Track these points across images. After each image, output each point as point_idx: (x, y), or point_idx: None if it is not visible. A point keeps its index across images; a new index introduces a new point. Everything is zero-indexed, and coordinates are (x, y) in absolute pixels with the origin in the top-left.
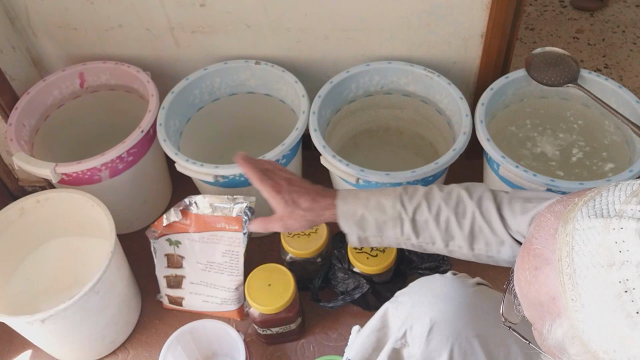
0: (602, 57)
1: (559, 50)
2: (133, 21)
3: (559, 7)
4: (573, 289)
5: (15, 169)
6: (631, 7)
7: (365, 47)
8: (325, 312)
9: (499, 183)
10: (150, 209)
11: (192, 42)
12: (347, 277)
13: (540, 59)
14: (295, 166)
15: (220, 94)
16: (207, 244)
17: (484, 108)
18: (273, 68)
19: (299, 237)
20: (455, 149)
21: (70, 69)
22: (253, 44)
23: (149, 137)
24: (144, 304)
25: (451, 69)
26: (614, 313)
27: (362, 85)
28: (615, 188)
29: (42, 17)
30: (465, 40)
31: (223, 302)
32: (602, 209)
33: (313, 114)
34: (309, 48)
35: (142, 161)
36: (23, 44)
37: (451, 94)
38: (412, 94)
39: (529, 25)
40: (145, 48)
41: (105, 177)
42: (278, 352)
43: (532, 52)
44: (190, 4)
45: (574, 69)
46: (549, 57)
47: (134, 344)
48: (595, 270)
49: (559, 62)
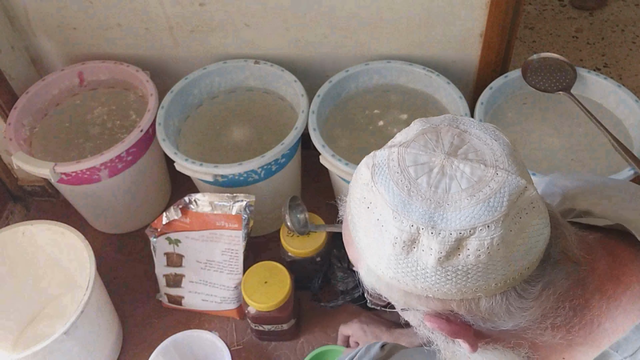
0: (602, 56)
1: (556, 56)
2: (132, 20)
3: (558, 6)
4: (354, 230)
5: (15, 168)
6: (630, 6)
7: (365, 46)
8: (325, 312)
9: None
10: (149, 208)
11: (191, 41)
12: (347, 276)
13: (537, 65)
14: (295, 166)
15: (219, 93)
16: (206, 242)
17: (483, 107)
18: (272, 67)
19: (298, 236)
20: None
21: (70, 69)
22: (252, 43)
23: (148, 136)
24: (145, 303)
25: (450, 68)
26: (369, 228)
27: (361, 84)
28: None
29: (41, 17)
30: (465, 39)
31: (222, 301)
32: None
33: (312, 113)
34: (308, 47)
35: (142, 160)
36: (22, 43)
37: (450, 93)
38: (412, 92)
39: (529, 24)
40: (145, 47)
41: (105, 176)
42: (277, 351)
43: (529, 58)
44: (190, 3)
45: (571, 76)
46: (546, 63)
47: (134, 344)
48: (358, 207)
49: (556, 69)
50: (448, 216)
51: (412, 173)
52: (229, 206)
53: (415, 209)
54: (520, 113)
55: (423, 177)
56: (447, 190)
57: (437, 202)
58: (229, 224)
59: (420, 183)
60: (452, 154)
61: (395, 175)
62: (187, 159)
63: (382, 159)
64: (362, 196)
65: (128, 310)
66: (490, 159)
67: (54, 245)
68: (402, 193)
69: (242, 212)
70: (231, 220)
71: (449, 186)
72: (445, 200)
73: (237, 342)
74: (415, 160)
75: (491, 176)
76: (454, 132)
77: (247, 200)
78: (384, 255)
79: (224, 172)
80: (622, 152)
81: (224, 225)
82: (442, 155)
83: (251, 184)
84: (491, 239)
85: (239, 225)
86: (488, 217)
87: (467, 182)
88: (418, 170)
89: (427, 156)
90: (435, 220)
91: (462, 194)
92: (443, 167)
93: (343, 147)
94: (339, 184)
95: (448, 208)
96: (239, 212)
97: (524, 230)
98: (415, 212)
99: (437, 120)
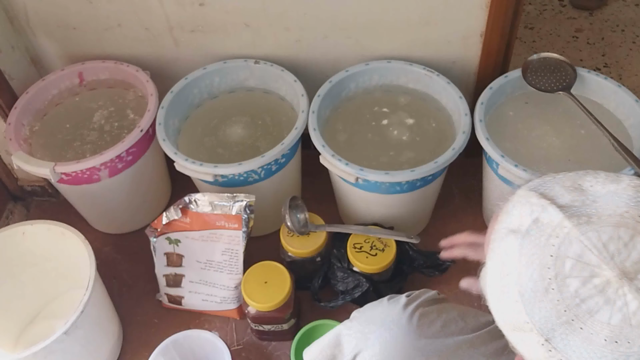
0: (602, 56)
1: (556, 56)
2: (132, 20)
3: (558, 6)
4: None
5: (15, 168)
6: (630, 6)
7: (365, 46)
8: (325, 312)
9: (498, 182)
10: (149, 208)
11: (191, 41)
12: (347, 276)
13: (537, 64)
14: (295, 165)
15: (219, 93)
16: (206, 242)
17: (483, 107)
18: (272, 67)
19: (298, 236)
20: (454, 147)
21: (70, 69)
22: (252, 43)
23: (148, 136)
24: (145, 303)
25: (450, 68)
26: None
27: (361, 84)
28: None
29: (41, 17)
30: (465, 39)
31: (222, 301)
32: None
33: (312, 113)
34: (308, 47)
35: (142, 160)
36: (22, 43)
37: (450, 93)
38: (412, 92)
39: (529, 24)
40: (145, 47)
41: (105, 176)
42: (277, 351)
43: (529, 58)
44: (190, 3)
45: (571, 76)
46: (546, 63)
47: (134, 344)
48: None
49: (556, 69)
50: (571, 342)
51: (566, 267)
52: (229, 206)
53: (540, 310)
54: (521, 112)
55: (575, 280)
56: (592, 312)
57: (569, 319)
58: (229, 224)
59: (569, 284)
60: (629, 275)
61: (546, 258)
62: (187, 159)
63: (548, 220)
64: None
65: (128, 310)
66: None
67: (54, 245)
68: (542, 283)
69: (242, 212)
70: (231, 220)
71: (596, 310)
72: (581, 322)
73: (237, 342)
74: (581, 255)
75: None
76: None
77: (247, 200)
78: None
79: (224, 172)
80: (622, 152)
81: (224, 225)
82: (617, 271)
83: (251, 184)
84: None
85: (239, 225)
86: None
87: (620, 319)
88: (576, 268)
89: (598, 259)
90: (555, 339)
91: (604, 331)
92: (607, 285)
93: (343, 147)
94: (338, 184)
95: (577, 333)
96: (239, 212)
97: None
98: (539, 314)
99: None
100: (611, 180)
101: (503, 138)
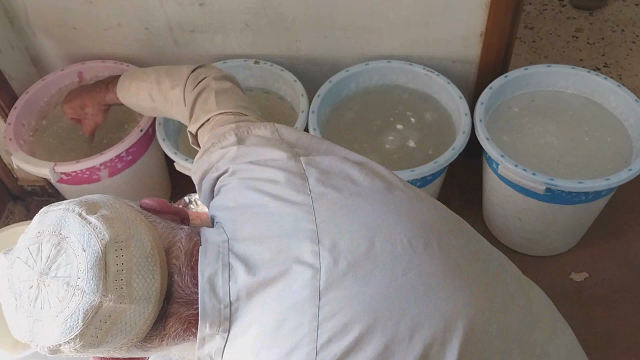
0: (602, 56)
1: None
2: (132, 20)
3: (558, 6)
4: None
5: (15, 168)
6: (630, 6)
7: (365, 46)
8: None
9: (498, 182)
10: None
11: (191, 41)
12: None
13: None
14: None
15: None
16: None
17: (483, 107)
18: (272, 67)
19: None
20: (454, 147)
21: (70, 68)
22: (252, 43)
23: (148, 136)
24: None
25: (450, 68)
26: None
27: (361, 84)
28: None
29: (41, 17)
30: (465, 39)
31: None
32: None
33: (312, 113)
34: (308, 47)
35: (141, 160)
36: (22, 43)
37: (450, 93)
38: (412, 92)
39: (528, 24)
40: (145, 47)
41: (105, 176)
42: None
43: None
44: (189, 4)
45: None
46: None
47: None
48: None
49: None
50: (43, 332)
51: (17, 288)
52: None
53: (20, 323)
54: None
55: (25, 294)
56: (42, 307)
57: (35, 318)
58: None
59: (24, 299)
60: (45, 272)
61: (6, 291)
62: (187, 158)
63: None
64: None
65: None
66: (74, 275)
67: None
68: (10, 307)
69: None
70: None
71: (43, 304)
72: (40, 317)
73: None
74: (20, 276)
75: (70, 297)
76: (53, 242)
77: None
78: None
79: None
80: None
81: None
82: (37, 273)
83: None
84: (75, 349)
85: None
86: (68, 336)
87: (55, 301)
88: (21, 287)
89: (26, 273)
90: (34, 334)
91: (52, 312)
92: (38, 285)
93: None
94: None
95: (42, 325)
96: None
97: (111, 331)
98: (21, 326)
99: (49, 220)
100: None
101: (502, 132)
